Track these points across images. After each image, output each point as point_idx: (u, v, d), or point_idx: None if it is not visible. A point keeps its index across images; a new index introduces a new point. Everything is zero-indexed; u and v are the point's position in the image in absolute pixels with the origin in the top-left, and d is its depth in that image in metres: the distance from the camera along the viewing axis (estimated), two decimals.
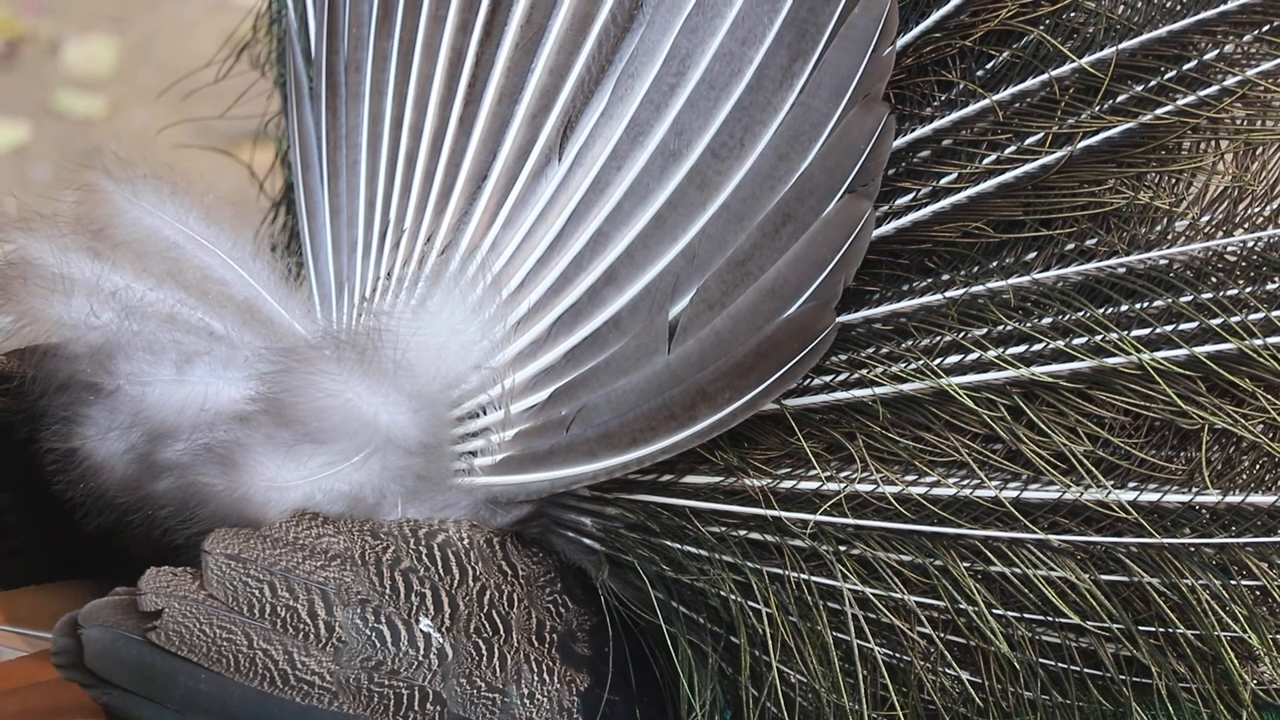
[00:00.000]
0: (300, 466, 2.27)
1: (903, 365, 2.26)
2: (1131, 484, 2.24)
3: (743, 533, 2.28)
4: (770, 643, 2.26)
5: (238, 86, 2.93)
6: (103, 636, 2.17)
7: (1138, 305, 2.25)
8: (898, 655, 2.27)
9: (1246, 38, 2.26)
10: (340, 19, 2.42)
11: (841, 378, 2.26)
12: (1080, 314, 2.25)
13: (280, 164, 2.97)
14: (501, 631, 2.26)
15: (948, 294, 2.27)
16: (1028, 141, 2.26)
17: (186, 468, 2.27)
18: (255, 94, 2.90)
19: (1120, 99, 2.26)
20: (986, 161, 2.26)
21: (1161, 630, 2.24)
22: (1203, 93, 2.26)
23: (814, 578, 2.26)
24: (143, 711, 2.18)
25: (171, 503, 2.28)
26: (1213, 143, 2.30)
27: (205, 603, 2.19)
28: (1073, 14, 2.27)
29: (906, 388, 2.25)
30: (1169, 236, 2.28)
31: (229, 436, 2.27)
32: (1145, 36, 2.26)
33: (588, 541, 2.33)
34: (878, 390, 2.25)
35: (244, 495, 2.27)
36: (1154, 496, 2.23)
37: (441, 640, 2.23)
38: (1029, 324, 2.25)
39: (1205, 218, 2.29)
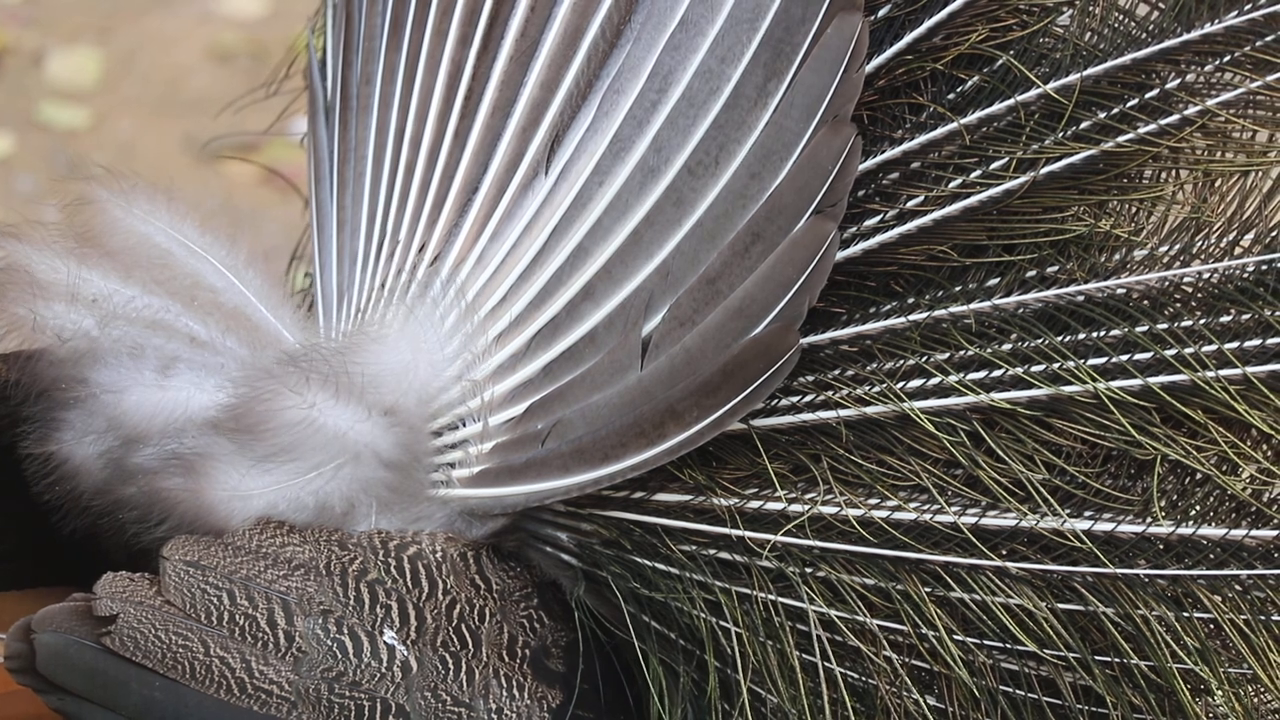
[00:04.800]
0: (264, 476, 2.26)
1: (867, 388, 2.25)
2: (1087, 513, 2.24)
3: (712, 552, 2.28)
4: (740, 662, 2.26)
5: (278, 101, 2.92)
6: (54, 642, 2.17)
7: (1095, 334, 2.25)
8: (864, 679, 2.27)
9: (1208, 67, 2.26)
10: (355, 33, 2.44)
11: (808, 399, 2.26)
12: (1039, 341, 2.25)
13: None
14: (470, 646, 2.25)
15: (911, 317, 2.26)
16: (993, 166, 2.26)
17: (153, 473, 2.27)
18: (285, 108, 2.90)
19: (1083, 125, 2.25)
20: (952, 185, 2.26)
21: (1117, 661, 2.23)
22: (1164, 121, 2.26)
23: (781, 599, 2.25)
24: (96, 718, 2.17)
25: (137, 507, 2.28)
26: (1173, 172, 2.30)
27: (162, 609, 2.19)
28: (1043, 39, 2.28)
29: (870, 410, 2.24)
30: (1128, 265, 2.28)
31: (197, 444, 2.27)
32: (1110, 64, 2.26)
33: (565, 557, 2.33)
34: (842, 412, 2.24)
35: (207, 503, 2.26)
36: (1108, 526, 2.23)
37: (406, 653, 2.22)
38: (989, 350, 2.25)
39: (1164, 248, 2.28)
